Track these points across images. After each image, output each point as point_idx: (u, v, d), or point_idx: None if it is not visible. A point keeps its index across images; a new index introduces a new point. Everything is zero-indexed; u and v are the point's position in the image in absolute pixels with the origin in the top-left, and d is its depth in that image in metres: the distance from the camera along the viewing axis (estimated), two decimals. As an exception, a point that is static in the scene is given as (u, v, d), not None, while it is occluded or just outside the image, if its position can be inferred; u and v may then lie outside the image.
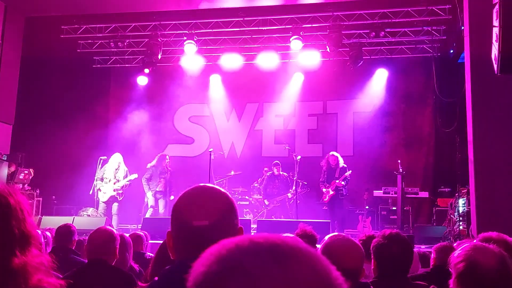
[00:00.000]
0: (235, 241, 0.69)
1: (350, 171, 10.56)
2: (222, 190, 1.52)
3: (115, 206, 10.69)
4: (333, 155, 10.74)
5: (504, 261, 1.96)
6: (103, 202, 10.65)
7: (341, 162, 10.63)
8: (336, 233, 2.69)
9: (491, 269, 1.87)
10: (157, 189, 10.84)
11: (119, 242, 3.63)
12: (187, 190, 1.52)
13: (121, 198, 10.71)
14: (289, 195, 10.95)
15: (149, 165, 11.00)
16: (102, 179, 10.66)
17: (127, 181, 10.69)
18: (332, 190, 10.42)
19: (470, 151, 7.52)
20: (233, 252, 0.67)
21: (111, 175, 10.66)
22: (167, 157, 11.19)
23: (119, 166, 10.74)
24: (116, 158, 10.80)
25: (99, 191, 10.65)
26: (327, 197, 10.53)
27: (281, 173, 11.19)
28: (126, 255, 3.98)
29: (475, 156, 7.38)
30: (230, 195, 1.51)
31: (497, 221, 6.55)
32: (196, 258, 1.36)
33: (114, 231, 3.53)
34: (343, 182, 10.44)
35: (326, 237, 2.53)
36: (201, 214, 1.42)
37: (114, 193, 10.62)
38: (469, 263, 1.92)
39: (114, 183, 10.61)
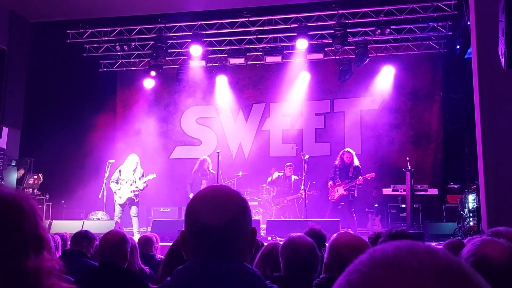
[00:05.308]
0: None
1: (373, 173, 10.25)
2: (235, 190, 1.54)
3: (134, 208, 10.35)
4: (348, 151, 10.31)
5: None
6: (120, 204, 10.32)
7: (356, 161, 10.23)
8: (343, 231, 2.68)
9: (501, 262, 1.86)
10: None
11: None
12: (200, 190, 1.55)
13: (137, 200, 10.38)
14: (302, 194, 10.58)
15: (193, 171, 10.88)
16: (117, 181, 10.33)
17: (144, 182, 10.35)
18: (344, 190, 10.06)
19: (479, 147, 7.47)
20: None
21: (128, 176, 10.32)
22: (208, 160, 10.95)
23: (136, 167, 10.43)
24: (134, 159, 10.49)
25: (115, 194, 10.35)
26: (336, 196, 10.13)
27: (292, 176, 11.19)
28: (132, 257, 4.00)
29: (484, 152, 7.33)
30: (243, 195, 1.52)
31: (508, 216, 6.51)
32: (209, 258, 1.38)
33: (126, 234, 3.53)
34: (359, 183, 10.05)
35: (334, 235, 2.53)
36: (214, 214, 1.43)
37: (131, 195, 10.26)
38: (478, 258, 1.91)
39: (131, 184, 10.28)
